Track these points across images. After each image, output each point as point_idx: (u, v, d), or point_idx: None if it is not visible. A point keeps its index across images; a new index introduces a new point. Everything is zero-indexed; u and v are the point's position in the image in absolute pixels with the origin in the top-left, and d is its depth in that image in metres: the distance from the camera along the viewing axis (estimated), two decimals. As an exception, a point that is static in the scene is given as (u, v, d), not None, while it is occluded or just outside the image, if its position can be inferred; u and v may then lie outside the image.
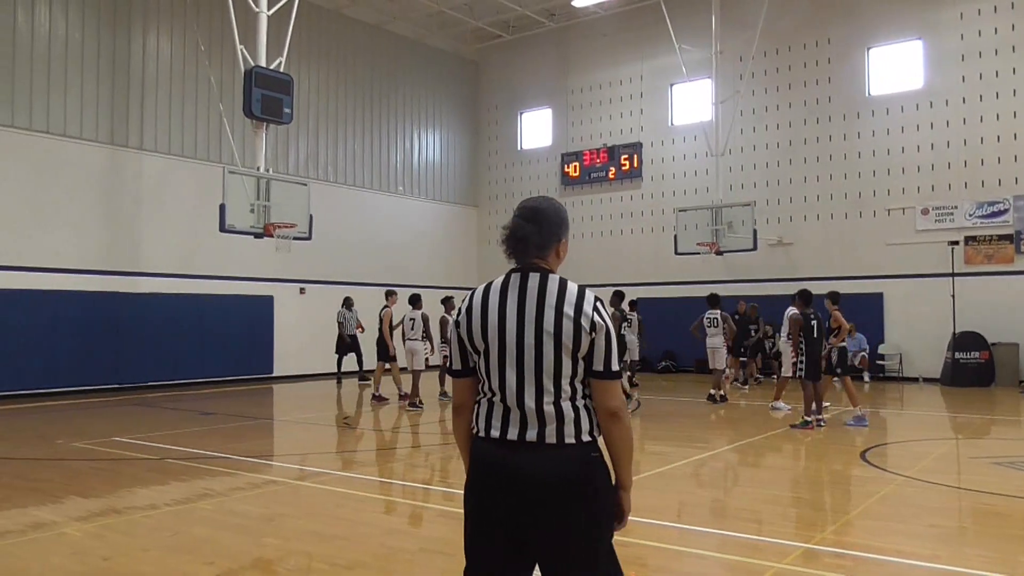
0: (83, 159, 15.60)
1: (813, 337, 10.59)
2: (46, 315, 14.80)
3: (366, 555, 5.03)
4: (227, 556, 4.98)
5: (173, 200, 16.85)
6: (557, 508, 2.33)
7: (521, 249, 2.49)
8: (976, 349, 16.07)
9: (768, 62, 19.34)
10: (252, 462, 8.36)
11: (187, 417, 12.20)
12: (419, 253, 22.21)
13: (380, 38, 21.78)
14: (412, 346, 13.08)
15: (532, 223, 2.49)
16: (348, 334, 17.38)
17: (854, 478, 7.55)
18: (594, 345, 2.38)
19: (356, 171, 21.14)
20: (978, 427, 11.21)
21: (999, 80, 16.70)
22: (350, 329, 17.41)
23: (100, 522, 5.87)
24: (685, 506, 6.65)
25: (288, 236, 13.21)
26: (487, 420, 2.45)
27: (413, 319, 13.13)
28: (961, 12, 17.14)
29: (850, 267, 18.10)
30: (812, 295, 10.91)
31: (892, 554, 4.93)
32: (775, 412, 11.92)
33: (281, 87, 12.75)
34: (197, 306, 17.06)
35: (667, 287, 20.06)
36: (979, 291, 16.54)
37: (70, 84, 15.46)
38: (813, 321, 10.60)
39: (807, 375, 10.55)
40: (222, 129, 15.76)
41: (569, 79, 22.82)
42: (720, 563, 4.98)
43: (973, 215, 16.90)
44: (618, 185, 21.81)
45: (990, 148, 16.78)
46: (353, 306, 17.51)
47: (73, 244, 15.35)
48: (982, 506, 6.47)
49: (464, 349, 2.52)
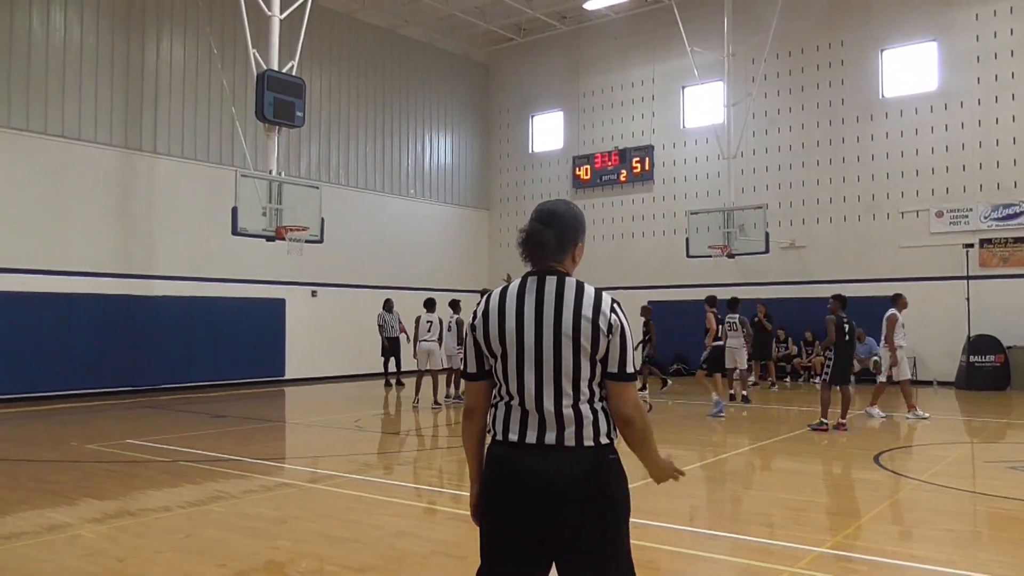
0: (97, 163, 15.72)
1: (845, 340, 10.56)
2: (60, 318, 14.93)
3: (377, 558, 5.03)
4: (239, 558, 5.00)
5: (186, 203, 16.96)
6: (574, 510, 2.34)
7: (539, 253, 2.49)
8: (991, 352, 15.92)
9: (781, 64, 19.26)
10: (264, 465, 8.39)
11: (200, 420, 12.27)
12: (430, 256, 22.24)
13: (391, 42, 21.86)
14: (428, 347, 13.45)
15: (550, 227, 2.49)
16: (388, 336, 17.23)
17: (868, 482, 7.49)
18: (611, 347, 2.39)
19: (368, 174, 21.20)
20: (993, 431, 11.10)
21: (1015, 81, 16.55)
22: (390, 331, 17.28)
23: (114, 524, 5.91)
24: (697, 510, 6.62)
25: (300, 239, 13.25)
26: (505, 423, 2.45)
27: (430, 321, 13.57)
28: (976, 13, 17.02)
29: (863, 270, 17.98)
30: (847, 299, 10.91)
31: (906, 559, 4.89)
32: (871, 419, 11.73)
33: (293, 91, 12.80)
34: (209, 309, 17.16)
35: (679, 290, 19.98)
36: (994, 294, 16.38)
37: (84, 88, 15.59)
38: (847, 325, 10.57)
39: (834, 379, 10.53)
40: (234, 132, 15.85)
41: (580, 82, 22.81)
42: (733, 567, 4.95)
43: (988, 217, 16.76)
44: (629, 188, 21.77)
45: (1006, 150, 16.64)
46: (394, 308, 17.40)
47: (87, 247, 15.47)
48: (997, 511, 6.40)
49: (480, 352, 2.52)
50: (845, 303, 10.74)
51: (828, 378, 10.59)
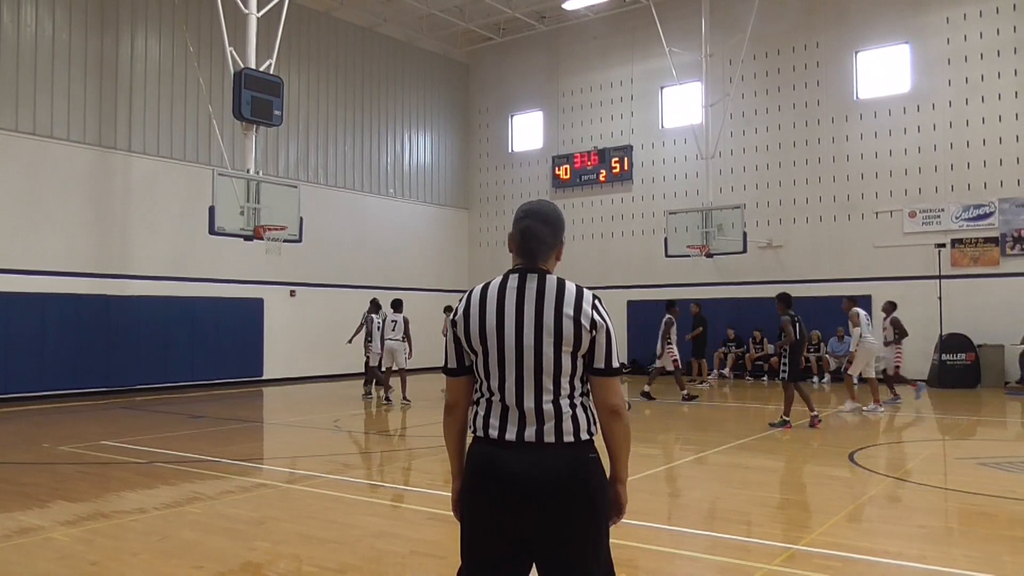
0: (71, 161, 15.49)
1: (797, 340, 10.76)
2: (34, 318, 14.70)
3: (356, 558, 5.02)
4: (216, 560, 4.96)
5: (162, 202, 16.77)
6: (555, 507, 2.35)
7: (535, 249, 2.52)
8: (962, 351, 16.20)
9: (758, 65, 19.44)
10: (242, 465, 8.33)
11: (176, 420, 12.14)
12: (410, 255, 22.18)
13: (370, 40, 21.76)
14: (393, 346, 14.11)
15: (545, 224, 2.53)
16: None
17: (843, 479, 7.59)
18: (595, 343, 2.42)
19: (346, 173, 21.10)
20: (964, 428, 11.29)
21: (985, 84, 16.85)
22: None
23: (88, 527, 5.84)
24: (676, 508, 6.67)
25: (278, 238, 13.17)
26: (485, 420, 2.46)
27: (395, 320, 14.18)
28: (947, 17, 17.29)
29: (839, 269, 18.21)
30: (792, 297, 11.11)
31: (880, 555, 4.97)
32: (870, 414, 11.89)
33: (271, 89, 12.71)
34: (187, 309, 16.98)
35: (657, 289, 20.10)
36: (965, 293, 16.67)
37: (57, 85, 15.36)
38: (798, 323, 10.75)
39: (793, 376, 10.73)
40: (211, 131, 15.69)
41: (560, 82, 22.86)
42: (711, 565, 5.00)
43: (959, 218, 17.04)
44: (609, 188, 21.86)
45: (976, 151, 16.93)
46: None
47: (61, 246, 15.24)
48: (969, 507, 6.52)
49: (460, 349, 2.53)
50: (790, 302, 10.93)
51: (787, 376, 10.78)
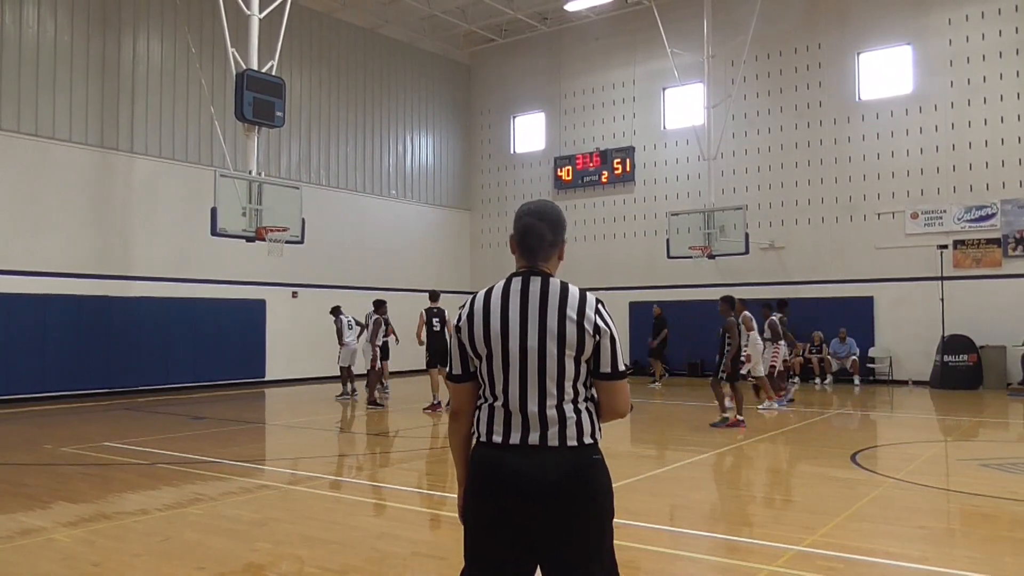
0: (73, 162, 15.52)
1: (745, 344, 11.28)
2: (36, 319, 14.72)
3: (358, 559, 5.02)
4: (218, 561, 4.96)
5: (164, 203, 16.79)
6: (559, 510, 2.35)
7: (537, 247, 2.51)
8: (964, 352, 16.17)
9: (760, 66, 19.43)
10: (243, 466, 8.33)
11: (178, 421, 12.15)
12: (412, 257, 22.19)
13: (372, 41, 21.78)
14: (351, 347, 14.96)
15: (545, 222, 2.53)
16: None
17: (844, 480, 7.58)
18: (599, 348, 2.41)
19: (349, 175, 21.12)
20: (966, 429, 11.28)
21: (987, 85, 16.83)
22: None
23: (90, 528, 5.84)
24: (677, 509, 6.67)
25: (280, 240, 13.16)
26: (489, 425, 2.45)
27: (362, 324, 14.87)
28: (949, 18, 17.28)
29: (841, 271, 18.20)
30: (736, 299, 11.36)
31: (882, 556, 4.96)
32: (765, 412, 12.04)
33: (273, 90, 12.72)
34: (189, 310, 17.00)
35: (659, 291, 20.09)
36: (967, 295, 16.65)
37: (59, 86, 15.39)
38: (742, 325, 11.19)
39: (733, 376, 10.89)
40: (213, 132, 15.71)
41: (562, 83, 22.87)
42: (712, 566, 5.00)
43: (961, 219, 17.02)
44: (611, 189, 21.86)
45: (978, 153, 16.91)
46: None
47: (63, 248, 15.27)
48: (970, 508, 6.52)
49: (465, 354, 2.52)
50: (734, 304, 11.13)
51: (725, 376, 10.86)
